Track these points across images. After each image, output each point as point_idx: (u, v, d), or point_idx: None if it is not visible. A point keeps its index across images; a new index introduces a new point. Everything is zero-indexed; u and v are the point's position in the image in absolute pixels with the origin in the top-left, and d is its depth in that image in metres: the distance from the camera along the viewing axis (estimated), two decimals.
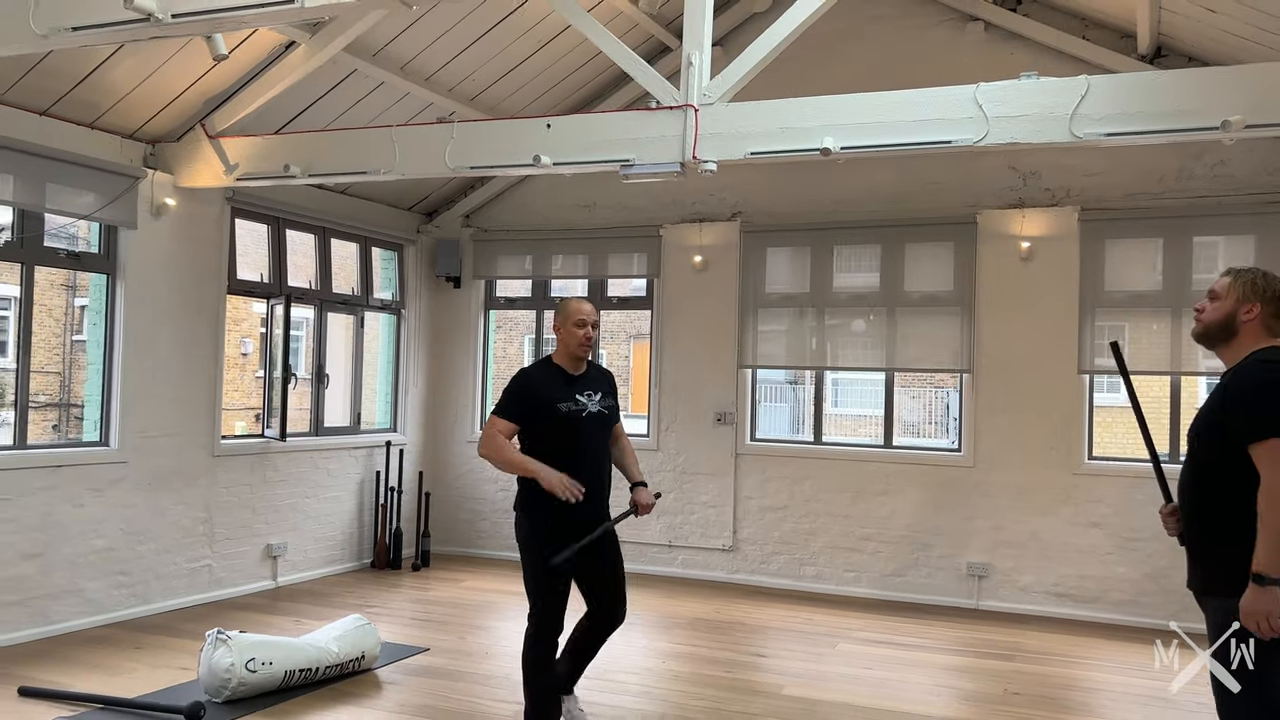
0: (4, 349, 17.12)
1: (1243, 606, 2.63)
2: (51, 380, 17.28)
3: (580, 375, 4.06)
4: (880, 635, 6.13)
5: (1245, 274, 2.91)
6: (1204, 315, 2.96)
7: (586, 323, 4.00)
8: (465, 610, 6.55)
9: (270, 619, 6.11)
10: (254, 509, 6.86)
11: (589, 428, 3.99)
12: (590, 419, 3.99)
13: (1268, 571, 2.59)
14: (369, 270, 8.01)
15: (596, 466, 4.00)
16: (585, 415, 3.98)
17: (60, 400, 17.44)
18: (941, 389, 20.29)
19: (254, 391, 18.54)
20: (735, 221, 7.72)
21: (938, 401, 20.09)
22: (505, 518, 8.34)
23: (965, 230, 7.09)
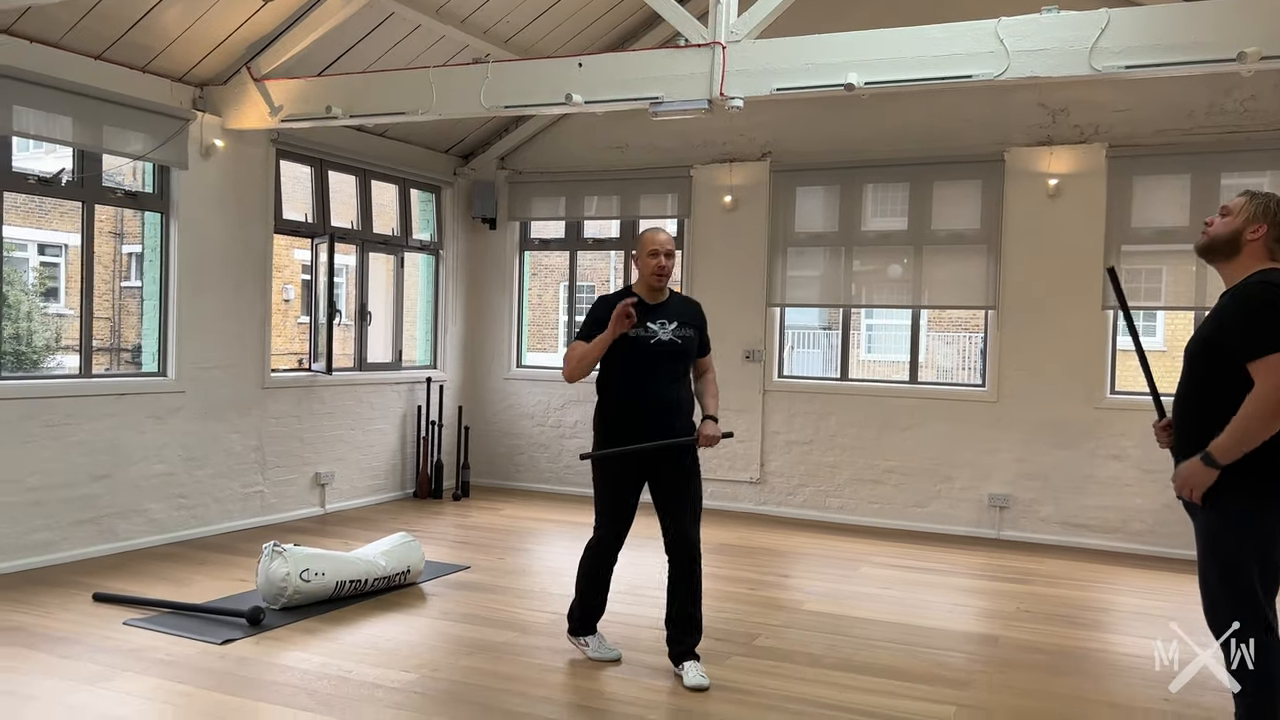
0: (57, 294, 17.66)
1: (1180, 471, 2.82)
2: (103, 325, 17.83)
3: (658, 304, 4.09)
4: (902, 560, 6.36)
5: (1260, 196, 3.00)
6: (1211, 229, 3.05)
7: (659, 252, 4.04)
8: (504, 535, 6.86)
9: (320, 540, 6.45)
10: (302, 439, 7.19)
11: (657, 355, 4.03)
12: (659, 346, 4.03)
13: (1219, 457, 2.77)
14: (408, 211, 8.25)
15: (664, 394, 4.05)
16: (653, 342, 4.02)
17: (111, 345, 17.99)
18: (976, 333, 20.34)
19: (296, 336, 18.99)
20: (765, 161, 7.85)
21: (971, 347, 20.13)
22: (541, 452, 8.64)
23: (993, 168, 7.17)
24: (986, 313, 7.34)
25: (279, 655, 4.19)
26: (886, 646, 4.56)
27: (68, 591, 5.06)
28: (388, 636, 4.52)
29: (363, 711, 3.61)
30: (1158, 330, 16.62)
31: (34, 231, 17.63)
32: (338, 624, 4.66)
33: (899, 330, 20.49)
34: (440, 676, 4.00)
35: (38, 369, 15.11)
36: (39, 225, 17.66)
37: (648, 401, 4.04)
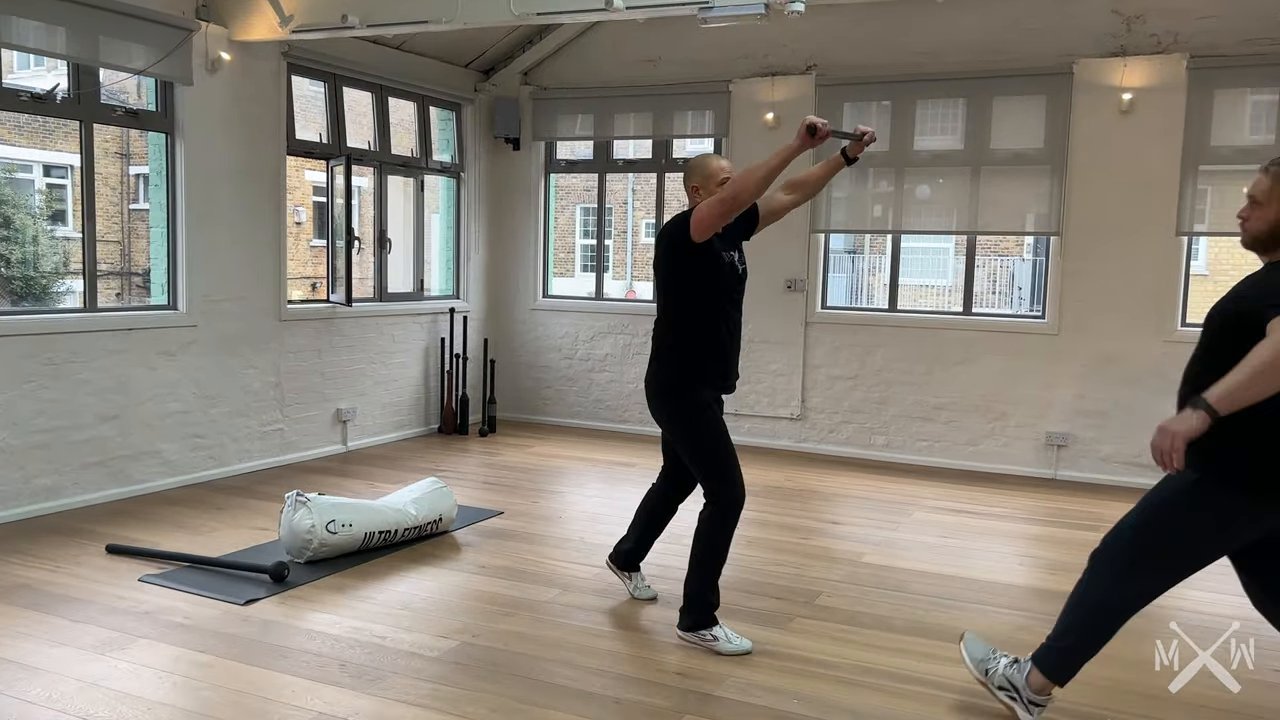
0: (64, 217, 17.24)
1: (1165, 423, 2.52)
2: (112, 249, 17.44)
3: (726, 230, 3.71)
4: (956, 504, 6.01)
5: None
6: (1249, 224, 2.75)
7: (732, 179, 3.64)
8: (535, 475, 6.53)
9: (343, 481, 6.14)
10: (322, 374, 6.83)
11: (740, 287, 3.75)
12: (743, 276, 3.77)
13: (1215, 404, 2.44)
14: (427, 131, 7.75)
15: (738, 332, 3.76)
16: (741, 271, 3.75)
17: (121, 269, 17.63)
18: (1007, 257, 19.74)
19: (309, 260, 18.56)
20: (810, 75, 7.30)
21: (1003, 271, 19.55)
22: (569, 385, 8.27)
23: (1060, 82, 6.62)
24: (1049, 239, 6.86)
25: (306, 618, 3.88)
26: (958, 607, 4.22)
27: (78, 542, 4.75)
28: (422, 596, 4.20)
29: (401, 686, 3.29)
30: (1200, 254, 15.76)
31: (38, 152, 17.13)
32: (367, 580, 4.34)
33: (930, 253, 19.96)
34: (480, 644, 3.67)
35: (47, 294, 14.78)
36: (44, 145, 17.16)
37: (735, 338, 3.71)
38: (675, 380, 3.72)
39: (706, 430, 3.70)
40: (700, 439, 3.71)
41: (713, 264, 3.62)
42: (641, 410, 7.97)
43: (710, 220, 3.53)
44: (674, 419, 3.76)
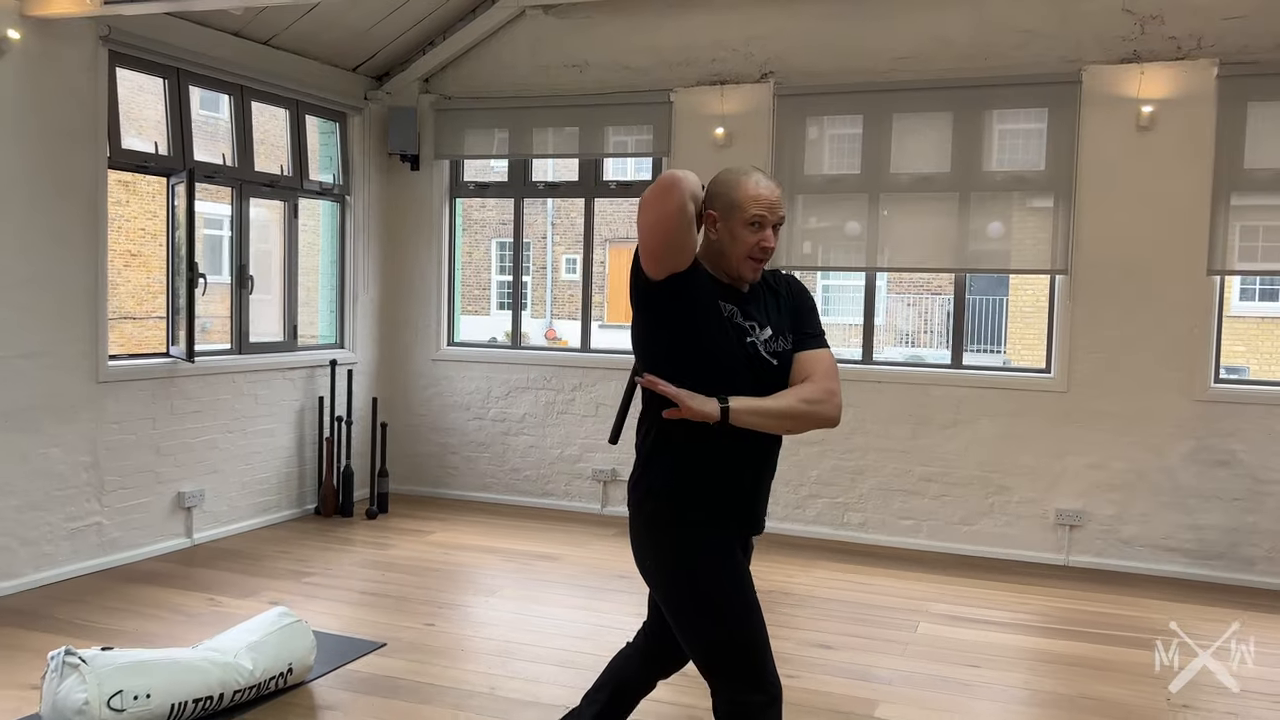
0: None
1: None
2: None
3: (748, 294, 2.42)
4: (966, 607, 4.79)
5: None
6: None
7: (767, 219, 2.32)
8: (433, 577, 5.13)
9: (178, 597, 4.65)
10: (158, 449, 5.33)
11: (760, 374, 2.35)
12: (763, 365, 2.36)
13: None
14: (303, 145, 6.34)
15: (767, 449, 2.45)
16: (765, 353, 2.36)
17: None
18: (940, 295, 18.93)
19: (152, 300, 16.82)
20: (767, 84, 6.12)
21: (936, 309, 18.74)
22: (479, 452, 6.88)
23: (1065, 92, 5.57)
24: (1053, 278, 5.76)
25: None
26: None
27: None
28: None
29: None
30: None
31: None
32: None
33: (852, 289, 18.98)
34: None
35: None
36: None
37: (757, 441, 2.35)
38: (660, 503, 2.39)
39: (709, 593, 2.34)
40: (696, 606, 2.35)
41: (701, 316, 2.31)
42: (568, 483, 6.63)
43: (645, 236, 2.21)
44: (658, 568, 2.41)
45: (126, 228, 13.73)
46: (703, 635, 2.33)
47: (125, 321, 13.42)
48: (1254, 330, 12.69)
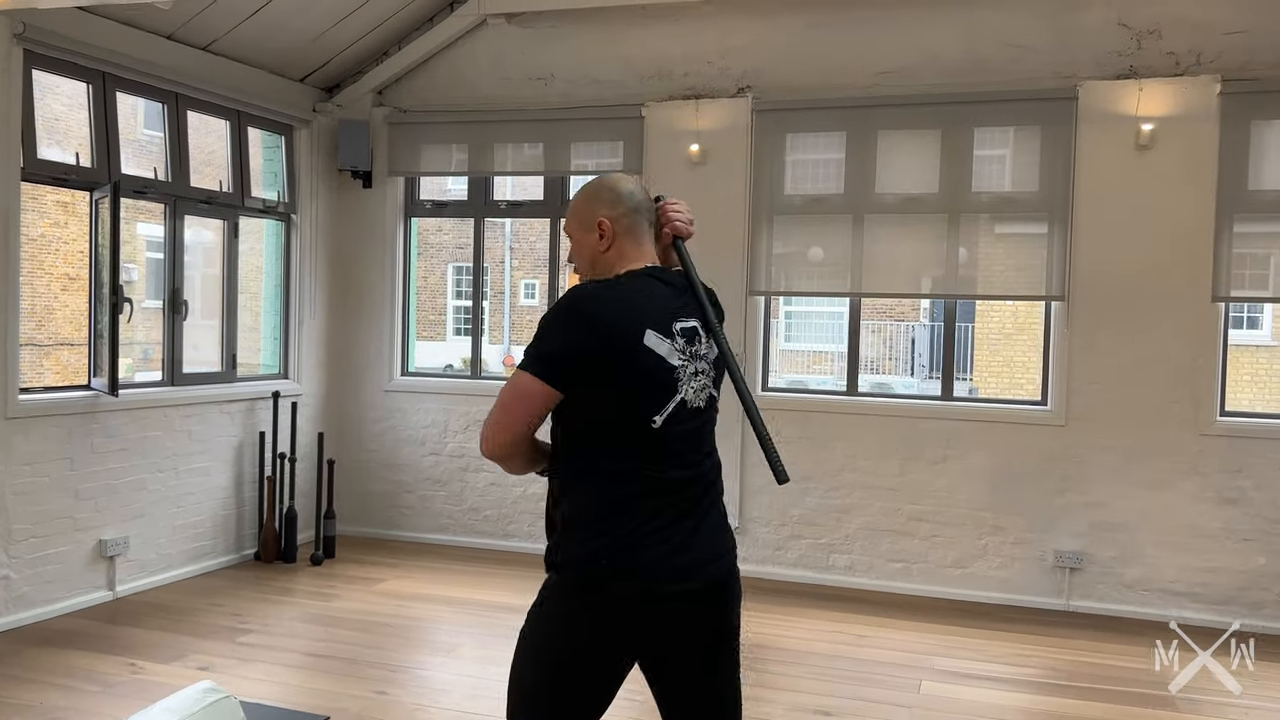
0: None
1: None
2: None
3: None
4: (971, 663, 4.41)
5: None
6: None
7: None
8: (383, 634, 4.64)
9: (95, 662, 4.11)
10: (76, 493, 4.79)
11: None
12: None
13: None
14: (244, 159, 5.86)
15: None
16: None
17: None
18: (904, 322, 18.75)
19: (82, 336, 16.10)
20: (744, 98, 5.77)
21: (901, 336, 18.54)
22: (435, 490, 6.41)
23: (1060, 109, 5.28)
24: (1048, 305, 5.45)
25: None
26: None
27: None
28: None
29: None
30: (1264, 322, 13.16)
31: None
32: None
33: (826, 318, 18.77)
34: None
35: None
36: None
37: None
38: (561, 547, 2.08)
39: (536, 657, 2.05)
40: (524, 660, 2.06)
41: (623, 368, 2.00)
42: (531, 524, 6.17)
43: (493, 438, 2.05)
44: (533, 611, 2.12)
45: (65, 250, 13.04)
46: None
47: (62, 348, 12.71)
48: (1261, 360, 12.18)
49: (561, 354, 1.93)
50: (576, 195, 2.18)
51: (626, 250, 2.09)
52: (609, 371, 1.93)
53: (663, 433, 1.96)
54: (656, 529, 1.95)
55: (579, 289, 2.01)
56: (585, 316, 1.95)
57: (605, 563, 1.93)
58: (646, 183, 5.81)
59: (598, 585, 1.94)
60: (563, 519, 2.01)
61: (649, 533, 1.94)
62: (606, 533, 1.94)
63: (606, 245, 2.09)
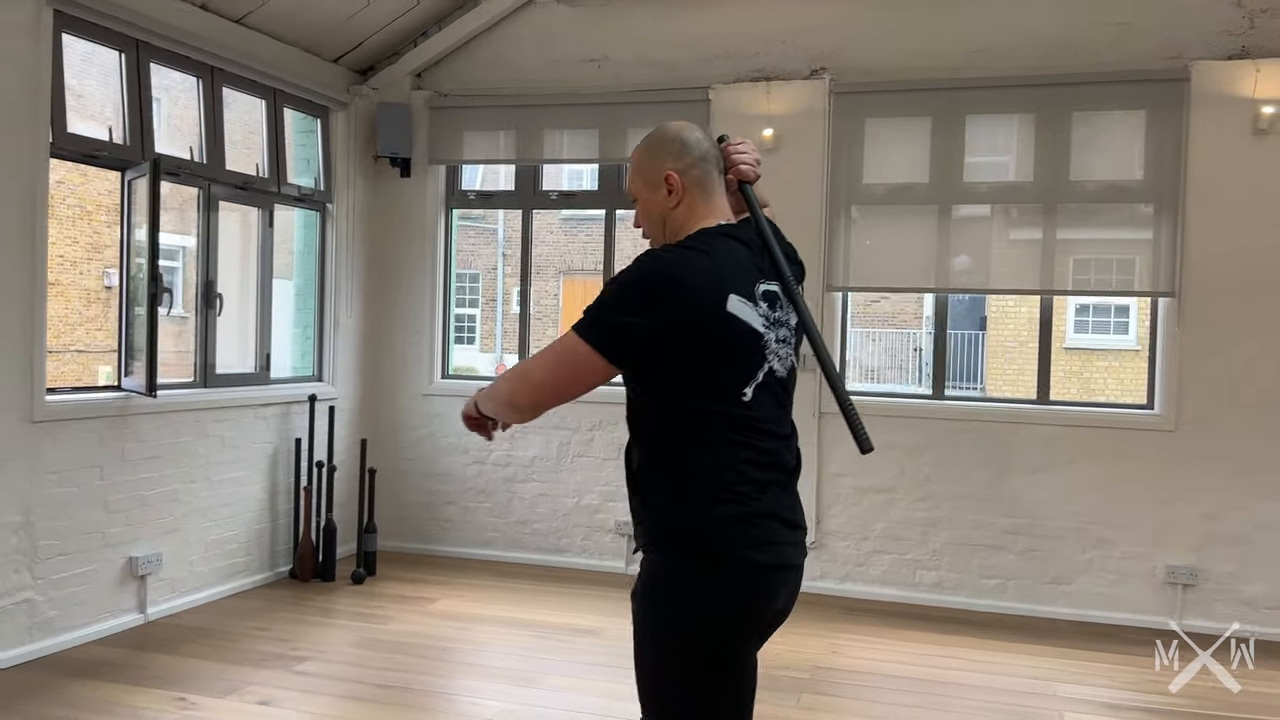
0: None
1: None
2: None
3: None
4: (1102, 690, 4.01)
5: None
6: None
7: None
8: (451, 662, 4.18)
9: (135, 696, 3.62)
10: (106, 504, 4.30)
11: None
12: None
13: None
14: (280, 142, 5.40)
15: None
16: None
17: None
18: (905, 330, 18.43)
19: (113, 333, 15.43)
20: (820, 80, 5.38)
21: (904, 346, 18.20)
22: (480, 502, 5.95)
23: (1169, 91, 4.92)
24: (1156, 301, 5.09)
25: None
26: None
27: None
28: None
29: None
30: None
31: None
32: None
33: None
34: None
35: None
36: None
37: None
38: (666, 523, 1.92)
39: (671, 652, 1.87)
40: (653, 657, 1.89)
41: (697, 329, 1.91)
42: (585, 537, 5.73)
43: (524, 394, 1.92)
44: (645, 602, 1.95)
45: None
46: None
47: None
48: None
49: (633, 330, 1.77)
50: (637, 150, 2.00)
51: (698, 205, 1.94)
52: (694, 343, 1.78)
53: (754, 402, 1.85)
54: (769, 499, 1.85)
55: (654, 255, 1.86)
56: (665, 285, 1.78)
57: (741, 533, 1.80)
58: None
59: (738, 557, 1.80)
60: (667, 492, 1.83)
61: (767, 501, 1.84)
62: (728, 502, 1.80)
63: (676, 201, 1.94)
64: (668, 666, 1.81)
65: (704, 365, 1.81)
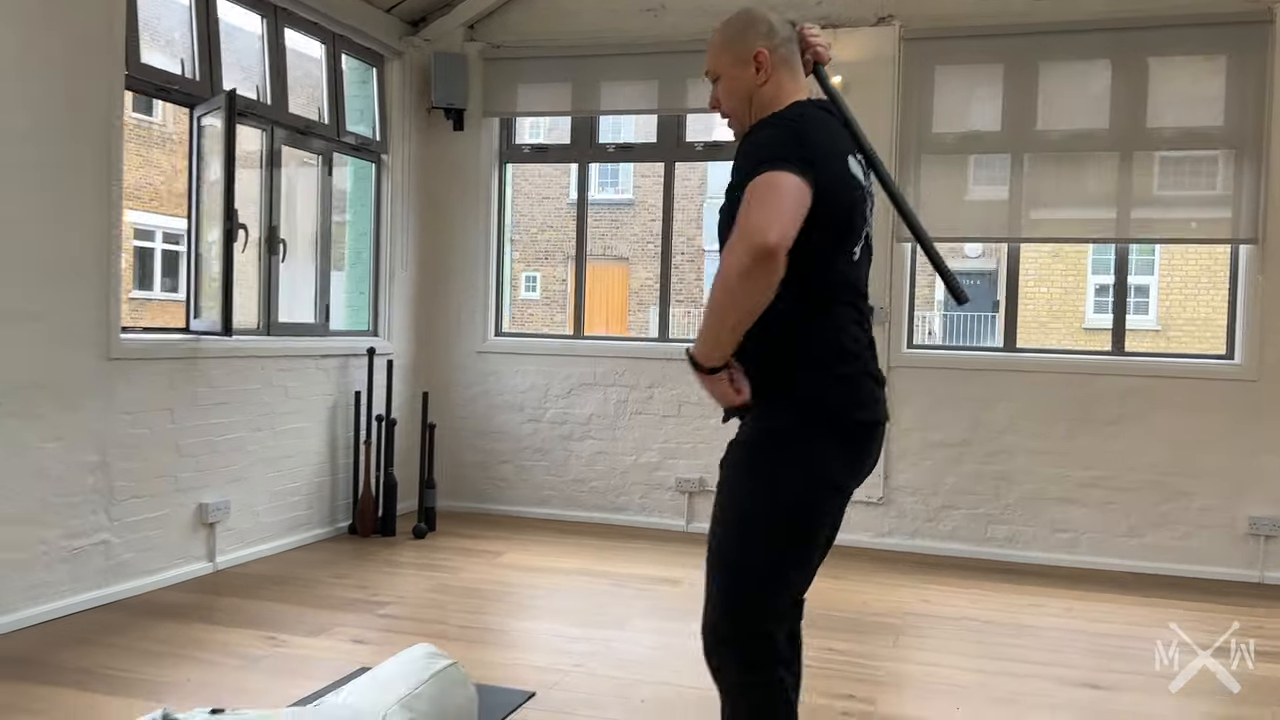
0: None
1: None
2: None
3: None
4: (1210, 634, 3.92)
5: None
6: None
7: None
8: (525, 606, 4.08)
9: (226, 635, 3.53)
10: (178, 448, 4.20)
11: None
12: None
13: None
14: (339, 88, 5.29)
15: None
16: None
17: None
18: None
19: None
20: (889, 27, 5.29)
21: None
22: (535, 460, 5.85)
23: (1251, 34, 4.84)
24: (1236, 249, 5.01)
25: None
26: None
27: None
28: None
29: None
30: None
31: None
32: None
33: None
34: None
35: None
36: None
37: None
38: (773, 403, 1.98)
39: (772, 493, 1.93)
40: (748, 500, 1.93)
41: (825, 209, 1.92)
42: (644, 495, 5.64)
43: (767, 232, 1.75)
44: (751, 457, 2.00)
45: None
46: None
47: None
48: None
49: (811, 162, 1.76)
50: (720, 30, 2.05)
51: (784, 83, 1.99)
52: (825, 199, 1.79)
53: (857, 264, 1.93)
54: (867, 358, 1.93)
55: (781, 117, 1.88)
56: (816, 129, 1.85)
57: (850, 394, 1.88)
58: None
59: (845, 414, 1.88)
60: (785, 357, 1.86)
61: (865, 361, 1.93)
62: (838, 365, 1.87)
63: (764, 79, 1.98)
64: (770, 510, 1.86)
65: (830, 222, 1.83)
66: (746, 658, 1.88)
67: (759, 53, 1.96)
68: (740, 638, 1.88)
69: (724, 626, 1.89)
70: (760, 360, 1.86)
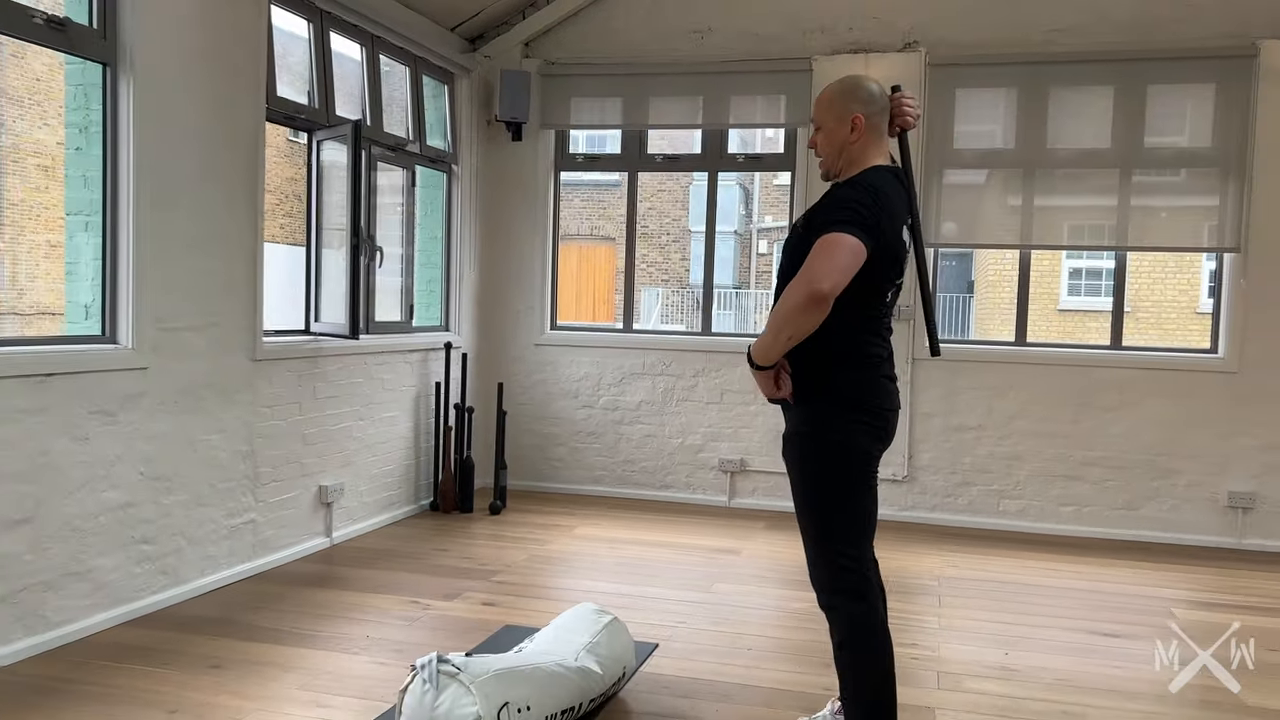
0: None
1: None
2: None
3: None
4: (1205, 594, 4.62)
5: None
6: None
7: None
8: (619, 572, 4.68)
9: (375, 599, 4.10)
10: (303, 436, 4.75)
11: None
12: None
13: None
14: (421, 107, 5.80)
15: None
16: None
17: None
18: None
19: None
20: (914, 53, 5.88)
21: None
22: (589, 443, 6.44)
23: (1236, 67, 5.49)
24: (1221, 257, 5.68)
25: None
26: None
27: None
28: None
29: None
30: None
31: None
32: None
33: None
34: None
35: None
36: None
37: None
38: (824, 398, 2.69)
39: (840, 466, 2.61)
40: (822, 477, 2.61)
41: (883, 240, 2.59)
42: (690, 474, 6.26)
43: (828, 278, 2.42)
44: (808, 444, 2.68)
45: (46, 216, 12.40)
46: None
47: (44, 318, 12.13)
48: None
49: (876, 226, 2.35)
50: (829, 89, 2.58)
51: (870, 145, 2.51)
52: (881, 251, 2.37)
53: (888, 302, 2.55)
54: (887, 365, 2.57)
55: (868, 183, 2.43)
56: (886, 199, 2.42)
57: (878, 389, 2.51)
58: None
59: (870, 403, 2.50)
60: (832, 360, 2.46)
61: (886, 367, 2.56)
62: (870, 368, 2.50)
63: (856, 138, 2.49)
64: (831, 481, 2.48)
65: (879, 268, 2.40)
66: (852, 592, 2.49)
67: (856, 117, 2.49)
68: (844, 579, 2.49)
69: (829, 577, 2.52)
70: (809, 361, 2.46)
